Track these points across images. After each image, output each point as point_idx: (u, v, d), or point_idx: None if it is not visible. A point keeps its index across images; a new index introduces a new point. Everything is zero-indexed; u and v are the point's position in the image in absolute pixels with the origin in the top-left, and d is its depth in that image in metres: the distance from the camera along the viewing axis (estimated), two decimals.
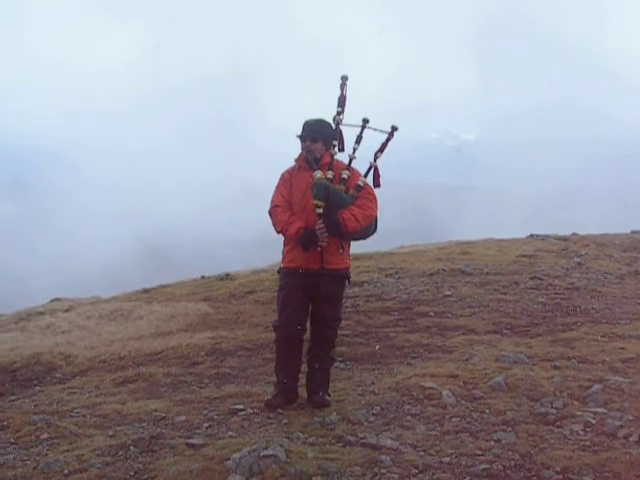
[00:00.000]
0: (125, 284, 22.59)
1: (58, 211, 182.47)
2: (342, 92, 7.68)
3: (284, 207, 7.53)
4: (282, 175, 7.73)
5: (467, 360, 9.19)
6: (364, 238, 7.68)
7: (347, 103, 7.69)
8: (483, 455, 5.92)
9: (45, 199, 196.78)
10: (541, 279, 15.30)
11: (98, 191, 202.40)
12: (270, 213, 7.61)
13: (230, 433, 6.75)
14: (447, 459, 5.86)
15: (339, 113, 7.63)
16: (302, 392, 7.76)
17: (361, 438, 6.39)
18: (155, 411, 7.71)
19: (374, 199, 7.55)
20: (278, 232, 7.57)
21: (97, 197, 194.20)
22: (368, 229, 7.56)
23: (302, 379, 7.81)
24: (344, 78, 7.67)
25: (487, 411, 7.10)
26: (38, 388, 10.22)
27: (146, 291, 19.57)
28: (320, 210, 7.26)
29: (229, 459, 5.69)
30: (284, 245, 7.66)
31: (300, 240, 7.35)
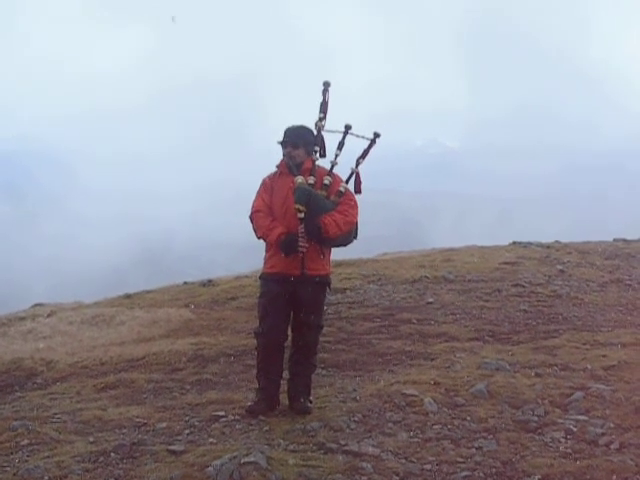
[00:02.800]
0: (119, 288, 22.53)
1: (52, 216, 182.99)
2: (324, 98, 7.68)
3: (265, 212, 7.53)
4: (263, 180, 7.74)
5: (449, 367, 9.19)
6: (344, 245, 7.68)
7: (330, 109, 7.70)
8: (464, 462, 5.92)
9: (40, 204, 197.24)
10: (523, 286, 15.34)
11: (93, 196, 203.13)
12: (251, 218, 7.61)
13: (211, 440, 6.73)
14: (428, 466, 5.87)
15: (321, 119, 7.64)
16: (283, 399, 7.75)
17: (342, 445, 6.38)
18: (136, 417, 7.68)
19: (355, 205, 7.56)
20: (259, 237, 7.57)
21: (92, 202, 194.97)
22: (349, 236, 7.57)
23: (284, 386, 7.80)
24: (326, 84, 7.68)
25: (468, 418, 7.10)
26: (19, 394, 10.17)
27: (128, 296, 19.50)
28: (301, 215, 7.26)
29: (210, 466, 5.67)
30: (266, 251, 7.66)
31: (281, 245, 7.35)
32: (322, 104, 7.68)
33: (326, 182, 7.47)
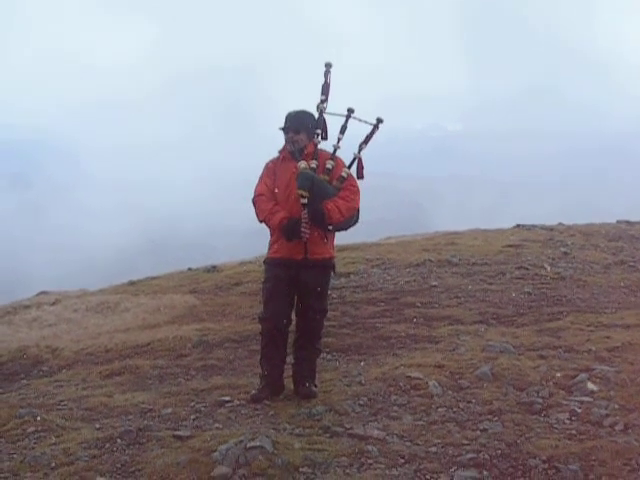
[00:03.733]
0: (125, 277, 22.52)
1: (58, 205, 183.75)
2: (326, 80, 7.64)
3: (268, 196, 7.51)
4: (266, 165, 7.72)
5: (453, 350, 9.20)
6: (345, 229, 7.68)
7: (331, 92, 7.67)
8: (469, 445, 5.93)
9: (45, 193, 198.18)
10: (527, 269, 15.34)
11: (98, 185, 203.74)
12: (253, 202, 7.59)
13: (217, 425, 6.74)
14: (434, 449, 5.88)
15: (323, 101, 7.60)
16: (289, 383, 7.76)
17: (348, 429, 6.40)
18: (142, 403, 7.69)
19: (357, 191, 7.54)
20: (261, 221, 7.55)
21: (97, 191, 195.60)
22: (350, 220, 7.56)
23: (289, 370, 7.81)
24: (328, 65, 7.63)
25: (473, 401, 7.11)
26: (25, 381, 10.21)
27: (132, 283, 19.54)
28: (304, 200, 7.24)
29: (216, 451, 5.68)
30: (270, 236, 7.66)
31: (283, 230, 7.35)
32: (324, 86, 7.65)
33: (329, 166, 7.45)
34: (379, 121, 7.74)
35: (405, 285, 14.45)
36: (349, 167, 7.61)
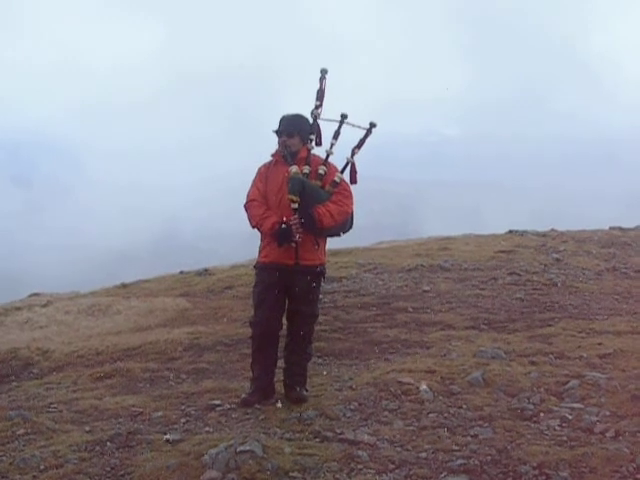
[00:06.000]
0: (125, 279, 22.42)
1: (59, 207, 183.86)
2: (321, 86, 7.63)
3: (260, 202, 7.50)
4: (259, 169, 7.71)
5: (445, 355, 9.20)
6: (339, 235, 7.66)
7: (329, 95, 7.66)
8: (460, 450, 5.92)
9: (47, 195, 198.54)
10: (519, 275, 15.34)
11: (100, 188, 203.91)
12: (245, 207, 7.58)
13: (207, 429, 6.74)
14: (424, 454, 5.87)
15: (317, 107, 7.59)
16: (279, 387, 7.75)
17: (338, 433, 6.39)
18: (132, 406, 7.69)
19: (350, 195, 7.53)
20: (253, 227, 7.54)
21: (99, 194, 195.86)
22: (344, 225, 7.55)
23: (279, 374, 7.80)
24: (323, 72, 7.62)
25: (464, 406, 7.11)
26: (15, 383, 10.19)
27: (124, 286, 19.49)
28: (295, 205, 7.23)
29: (206, 455, 5.67)
30: (261, 240, 7.64)
31: (274, 235, 7.33)
32: (318, 92, 7.64)
33: (321, 172, 7.44)
34: (372, 125, 7.72)
35: (397, 290, 14.44)
36: (342, 172, 7.59)
